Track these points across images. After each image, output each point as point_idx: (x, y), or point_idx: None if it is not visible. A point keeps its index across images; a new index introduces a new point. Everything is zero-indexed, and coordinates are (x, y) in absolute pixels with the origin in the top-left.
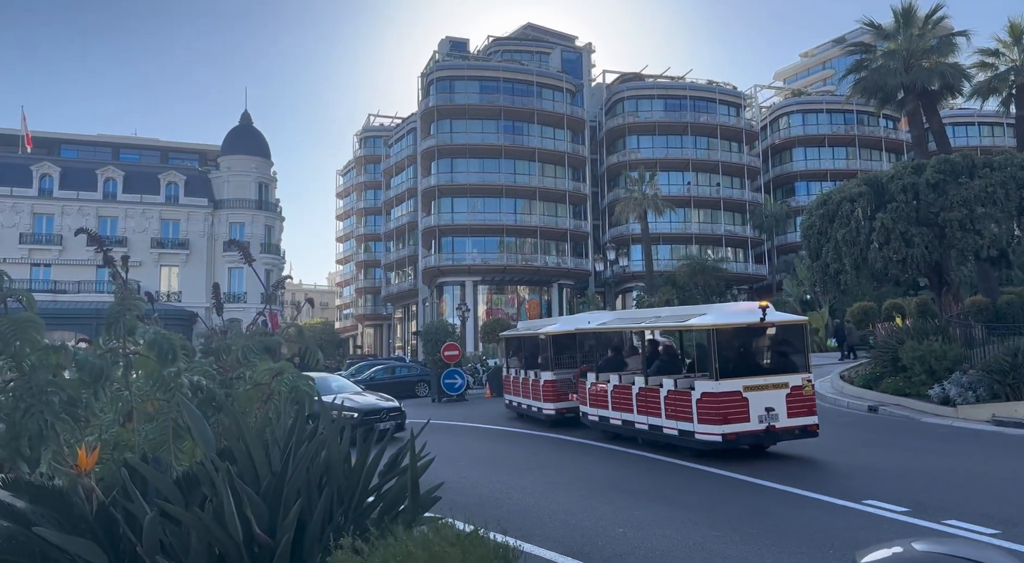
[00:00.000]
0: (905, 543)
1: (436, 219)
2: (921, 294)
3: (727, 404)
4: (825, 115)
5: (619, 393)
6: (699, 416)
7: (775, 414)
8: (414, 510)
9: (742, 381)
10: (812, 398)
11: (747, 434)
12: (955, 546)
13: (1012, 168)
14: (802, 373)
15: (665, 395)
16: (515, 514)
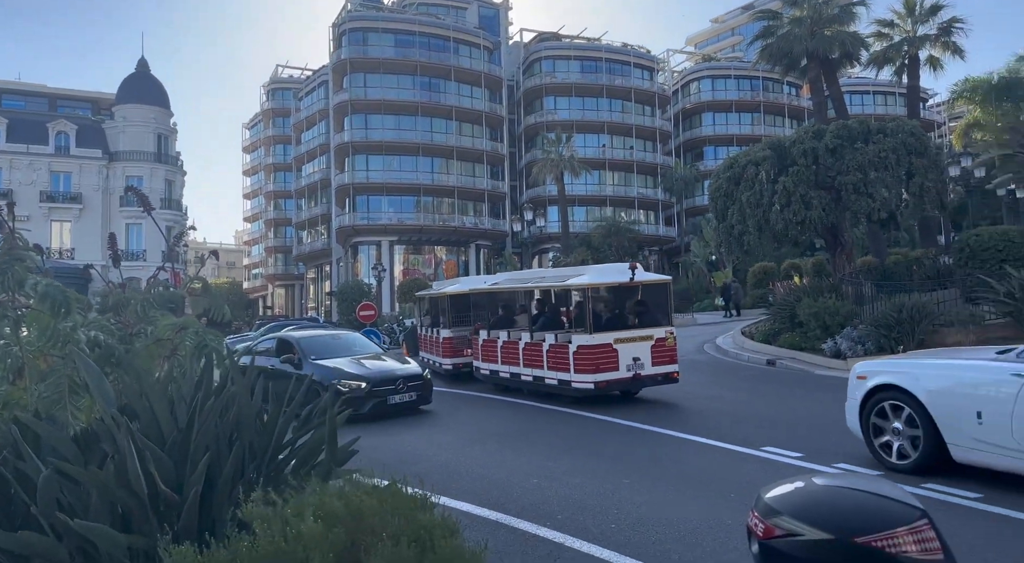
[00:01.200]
0: (806, 478)
1: (350, 177)
2: (817, 255)
3: (599, 355)
4: (733, 81)
5: (508, 348)
6: (575, 366)
7: (641, 363)
8: (330, 463)
9: (613, 334)
10: (674, 349)
11: (616, 382)
12: (852, 480)
13: (903, 135)
14: (665, 327)
15: (547, 349)
16: (434, 469)
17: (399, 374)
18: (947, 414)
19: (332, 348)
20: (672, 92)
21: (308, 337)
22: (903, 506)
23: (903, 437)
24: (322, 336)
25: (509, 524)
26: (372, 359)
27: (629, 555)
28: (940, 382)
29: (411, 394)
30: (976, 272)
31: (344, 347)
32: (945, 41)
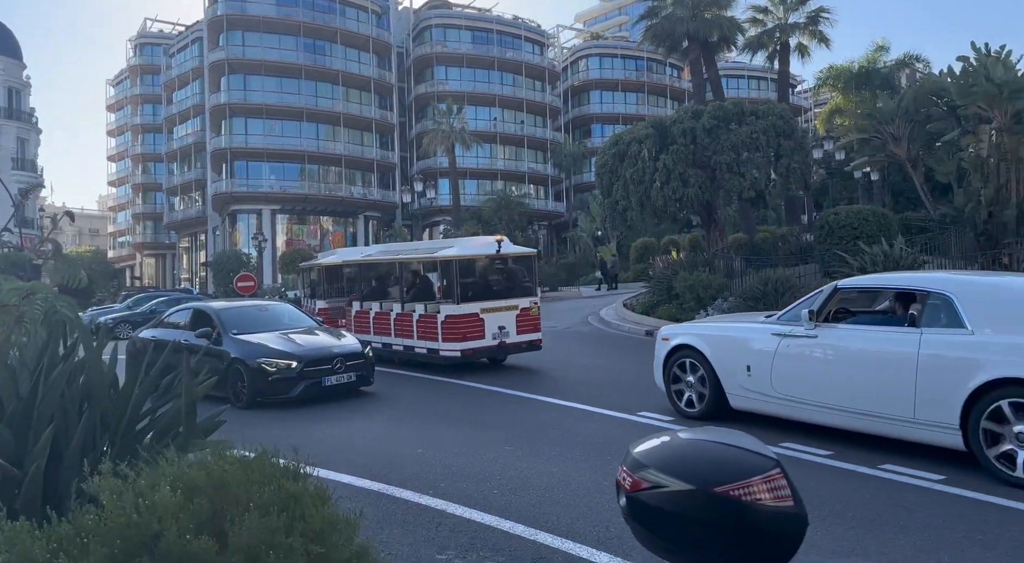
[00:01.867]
0: (672, 434)
1: (228, 140)
2: (693, 231)
3: (466, 324)
4: (620, 60)
5: (380, 319)
6: (443, 335)
7: (506, 331)
8: (189, 434)
9: (480, 304)
10: (537, 318)
11: (483, 349)
12: (714, 434)
13: (772, 117)
14: (530, 297)
15: (417, 319)
16: (319, 442)
17: (336, 352)
18: (726, 369)
19: (258, 321)
20: (562, 68)
21: (230, 308)
22: (758, 457)
23: (694, 389)
24: (246, 307)
25: (392, 494)
26: (304, 334)
27: (510, 519)
28: (722, 342)
29: (350, 374)
30: (833, 248)
31: (272, 320)
32: (813, 29)
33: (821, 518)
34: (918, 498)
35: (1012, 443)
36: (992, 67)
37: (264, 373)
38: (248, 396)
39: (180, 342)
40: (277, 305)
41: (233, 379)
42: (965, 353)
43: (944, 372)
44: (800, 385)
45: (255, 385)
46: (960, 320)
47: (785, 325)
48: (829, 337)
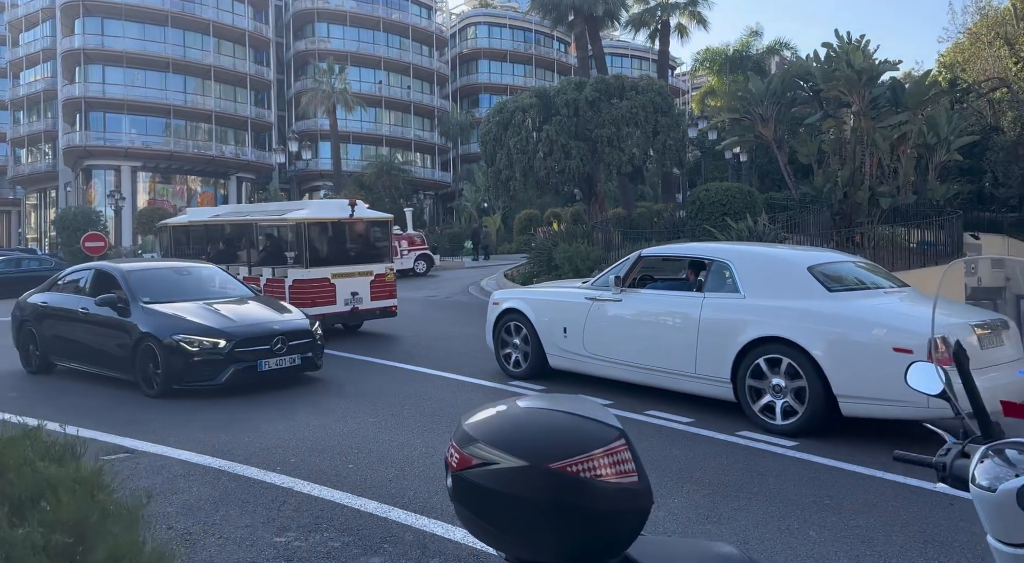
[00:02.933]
0: (510, 402)
1: (82, 89)
2: (576, 205)
3: (316, 289)
4: (508, 31)
5: None
6: (291, 300)
7: (359, 298)
8: None
9: (331, 269)
10: (393, 284)
11: (334, 315)
12: (554, 401)
13: (651, 93)
14: (386, 263)
15: (264, 283)
16: (156, 415)
17: (276, 328)
18: (546, 331)
19: (176, 287)
20: (450, 35)
21: (141, 270)
22: (601, 426)
23: (519, 350)
24: (162, 270)
25: (234, 472)
26: (235, 304)
27: (363, 495)
28: (543, 306)
29: (293, 357)
30: (703, 223)
31: (194, 286)
32: (692, 11)
33: (679, 484)
34: (772, 464)
35: (770, 394)
36: (853, 54)
37: (183, 353)
38: (162, 382)
39: (77, 311)
40: (202, 268)
41: (143, 359)
42: (736, 315)
43: (719, 332)
44: (606, 344)
45: (171, 368)
46: (736, 286)
47: (596, 290)
48: (631, 301)
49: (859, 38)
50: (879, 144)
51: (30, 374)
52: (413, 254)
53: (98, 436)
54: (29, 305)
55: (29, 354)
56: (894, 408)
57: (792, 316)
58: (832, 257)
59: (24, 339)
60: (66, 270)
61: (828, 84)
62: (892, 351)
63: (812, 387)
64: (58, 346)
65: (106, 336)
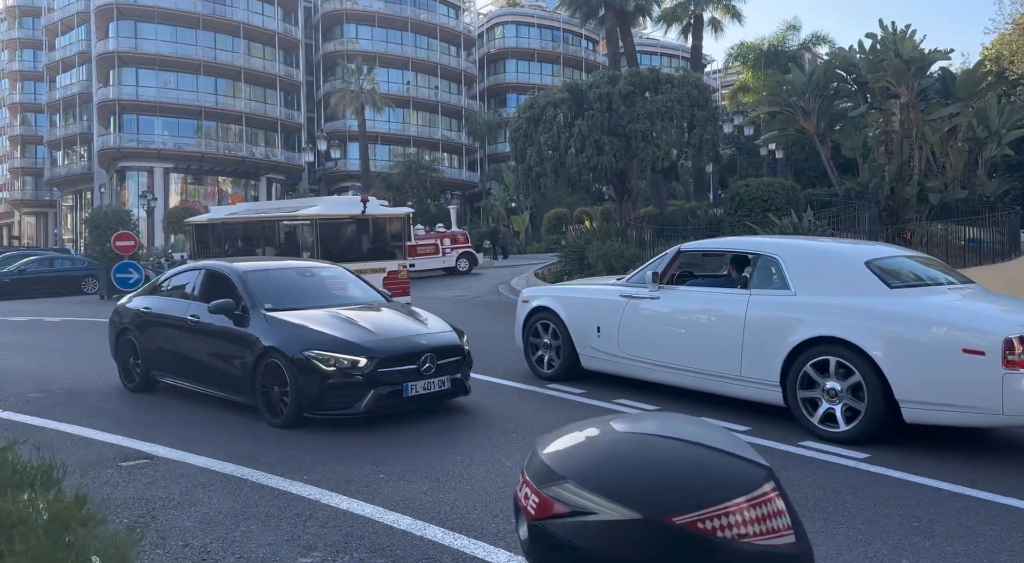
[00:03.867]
0: (601, 423)
1: (116, 92)
2: (605, 203)
3: None
4: (536, 30)
5: None
6: None
7: None
8: None
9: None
10: (406, 281)
11: None
12: (665, 424)
13: (687, 86)
14: (399, 259)
15: None
16: (178, 417)
17: (423, 343)
18: (579, 330)
19: (300, 291)
20: (478, 35)
21: (259, 270)
22: (741, 464)
23: (550, 350)
24: (283, 270)
25: (256, 481)
26: (369, 312)
27: (395, 510)
28: (576, 304)
29: (443, 379)
30: (744, 219)
31: (319, 290)
32: (726, 4)
33: None
34: (844, 479)
35: (826, 400)
36: (901, 43)
37: (316, 374)
38: (290, 408)
39: (186, 319)
40: (324, 268)
41: (265, 380)
42: (787, 313)
43: (767, 332)
44: (643, 345)
45: (303, 392)
46: (786, 282)
47: (632, 287)
48: (669, 298)
49: (904, 27)
50: (928, 137)
51: (129, 391)
52: (456, 252)
53: (119, 440)
54: (129, 311)
55: (129, 368)
56: (964, 415)
57: (849, 315)
58: (890, 251)
59: (124, 351)
60: (171, 271)
61: (875, 74)
62: (962, 352)
63: (872, 392)
64: (162, 360)
65: (220, 350)
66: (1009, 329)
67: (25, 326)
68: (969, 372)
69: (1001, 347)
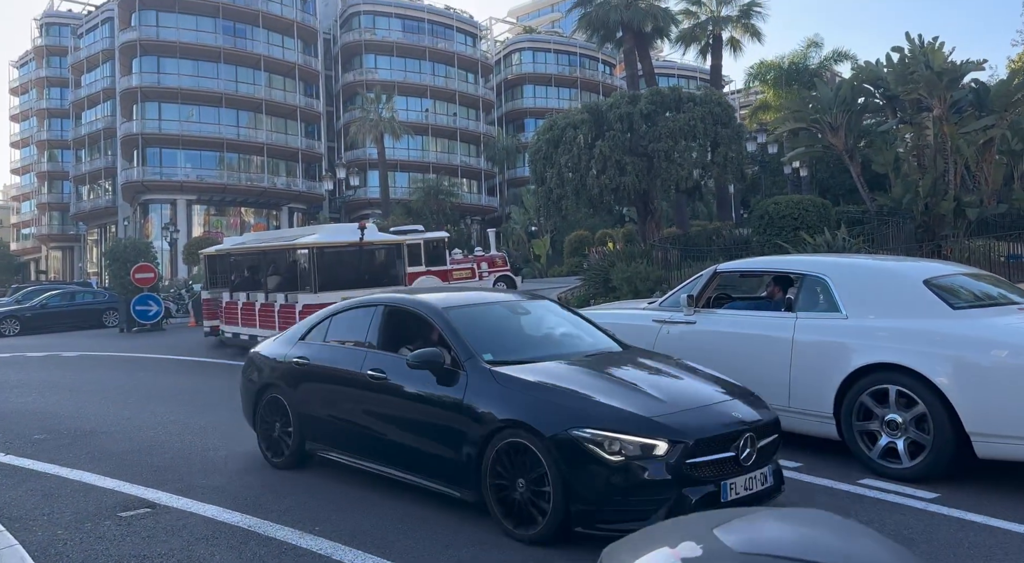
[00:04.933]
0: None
1: (139, 126)
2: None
3: None
4: (553, 55)
5: (247, 310)
6: None
7: None
8: None
9: (341, 293)
10: None
11: None
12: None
13: (710, 104)
14: (398, 285)
15: (278, 310)
16: (184, 460)
17: (736, 416)
18: None
19: (519, 335)
20: (495, 61)
21: (463, 306)
22: None
23: None
24: (490, 304)
25: (263, 533)
26: (627, 365)
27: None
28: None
29: (764, 471)
30: (774, 238)
31: (539, 332)
32: (745, 23)
33: None
34: (915, 523)
35: (886, 434)
36: (932, 54)
37: (597, 465)
38: (552, 517)
39: (364, 375)
40: (535, 302)
41: (502, 469)
42: (838, 338)
43: (817, 358)
44: None
45: (574, 492)
46: (835, 304)
47: (665, 311)
48: (707, 323)
49: (932, 39)
50: (963, 150)
51: (274, 467)
52: (493, 276)
53: (121, 486)
54: (275, 362)
55: (275, 437)
56: None
57: (909, 339)
58: (948, 269)
59: (268, 414)
60: (332, 308)
61: (905, 87)
62: None
63: (938, 424)
64: (326, 429)
65: (420, 420)
66: None
67: (41, 362)
68: None
69: None
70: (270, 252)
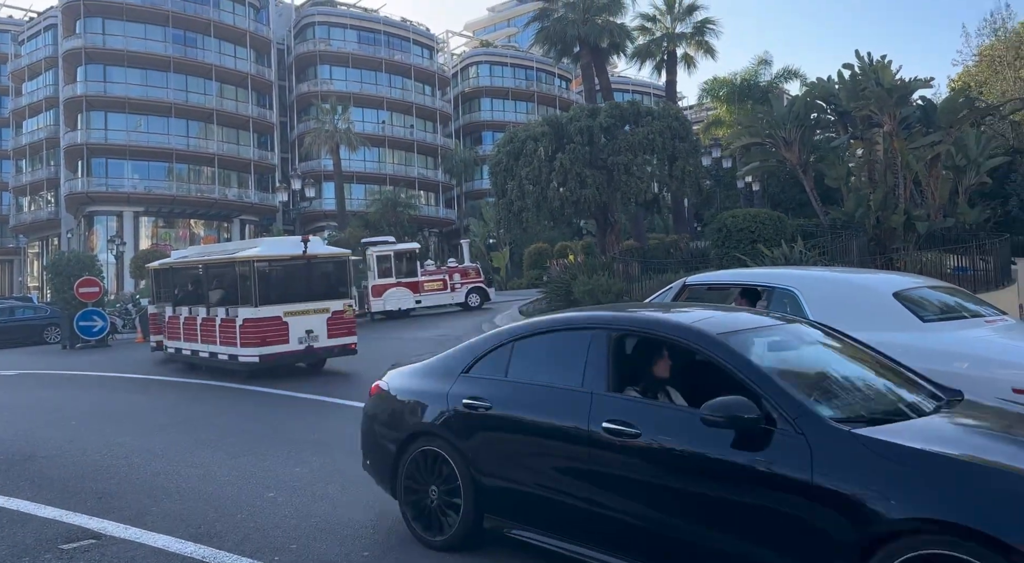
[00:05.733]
0: None
1: (84, 136)
2: (586, 238)
3: (266, 328)
4: (509, 69)
5: (189, 324)
6: (241, 340)
7: (315, 336)
8: None
9: (283, 307)
10: (352, 321)
11: (286, 354)
12: None
13: (668, 118)
14: (344, 299)
15: (219, 323)
16: (132, 485)
17: None
18: None
19: (822, 375)
20: (452, 74)
21: (747, 331)
22: None
23: None
24: (765, 329)
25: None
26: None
27: None
28: None
29: None
30: (732, 251)
31: (827, 365)
32: (699, 40)
33: None
34: None
35: None
36: (881, 72)
37: None
38: None
39: (594, 432)
40: (797, 327)
41: None
42: None
43: None
44: None
45: None
46: (804, 316)
47: None
48: None
49: (880, 58)
50: (912, 166)
51: (429, 546)
52: (466, 287)
53: (63, 516)
54: (427, 402)
55: (431, 507)
56: None
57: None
58: (915, 281)
59: (418, 472)
60: (509, 330)
61: (857, 103)
62: (1012, 392)
63: None
64: (523, 499)
65: (703, 500)
66: None
67: None
68: None
69: None
70: (211, 266)
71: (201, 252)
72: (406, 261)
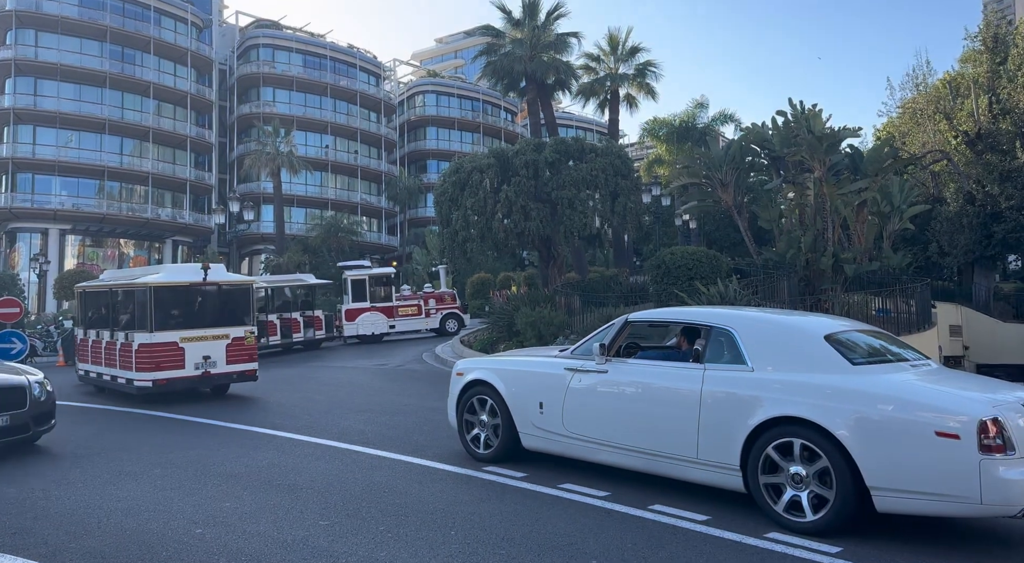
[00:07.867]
0: None
1: (11, 150)
2: (528, 269)
3: (161, 353)
4: (456, 99)
5: (96, 347)
6: (137, 364)
7: (212, 362)
8: None
9: (180, 333)
10: (253, 347)
11: (181, 379)
12: None
13: (611, 156)
14: (245, 326)
15: (120, 347)
16: (49, 521)
17: None
18: (519, 406)
19: None
20: (398, 102)
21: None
22: None
23: (487, 428)
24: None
25: None
26: None
27: None
28: (517, 377)
29: None
30: (671, 287)
31: None
32: (641, 82)
33: None
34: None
35: (791, 487)
36: (813, 119)
37: None
38: None
39: None
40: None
41: None
42: (745, 391)
43: (725, 410)
44: (589, 423)
45: None
46: (742, 356)
47: (578, 359)
48: (618, 372)
49: (812, 106)
50: (841, 210)
51: None
52: (441, 313)
53: None
54: None
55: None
56: (939, 504)
57: (812, 393)
58: (844, 324)
59: None
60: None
61: (789, 149)
62: (935, 436)
63: (840, 478)
64: None
65: None
66: (983, 410)
67: None
68: (944, 458)
69: (976, 430)
70: (118, 290)
71: (115, 276)
72: (382, 286)
